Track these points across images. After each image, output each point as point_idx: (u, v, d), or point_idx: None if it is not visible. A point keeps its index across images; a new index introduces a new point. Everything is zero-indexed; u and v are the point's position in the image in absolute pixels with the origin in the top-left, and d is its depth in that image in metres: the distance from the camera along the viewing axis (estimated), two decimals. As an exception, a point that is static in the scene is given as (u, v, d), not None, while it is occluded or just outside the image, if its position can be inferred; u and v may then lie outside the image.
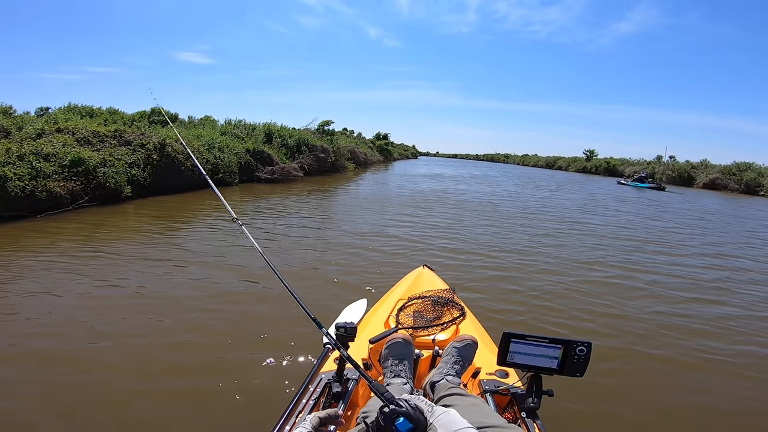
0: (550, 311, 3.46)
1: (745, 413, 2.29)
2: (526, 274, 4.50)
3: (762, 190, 23.58)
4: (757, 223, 10.70)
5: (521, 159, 74.18)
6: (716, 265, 5.55)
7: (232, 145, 11.52)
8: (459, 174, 25.65)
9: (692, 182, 28.78)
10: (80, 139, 7.93)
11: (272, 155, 12.51)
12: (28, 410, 1.91)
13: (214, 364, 2.37)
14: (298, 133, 16.52)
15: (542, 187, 19.00)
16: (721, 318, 3.60)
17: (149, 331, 2.71)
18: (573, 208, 10.99)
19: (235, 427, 1.89)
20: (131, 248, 4.57)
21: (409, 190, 12.76)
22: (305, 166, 14.88)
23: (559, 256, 5.38)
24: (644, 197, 16.91)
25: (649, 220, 9.58)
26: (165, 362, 2.38)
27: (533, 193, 15.31)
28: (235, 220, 1.67)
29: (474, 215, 8.41)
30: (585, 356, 1.18)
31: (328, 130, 19.89)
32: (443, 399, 1.18)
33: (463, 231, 6.64)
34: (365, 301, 2.17)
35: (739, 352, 2.95)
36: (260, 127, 15.69)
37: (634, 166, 37.58)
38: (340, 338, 1.26)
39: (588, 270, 4.82)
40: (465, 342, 1.43)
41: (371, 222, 6.92)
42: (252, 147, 12.23)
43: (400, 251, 5.07)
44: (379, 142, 39.33)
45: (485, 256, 5.11)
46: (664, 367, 2.70)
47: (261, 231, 5.83)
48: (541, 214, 9.31)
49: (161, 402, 2.03)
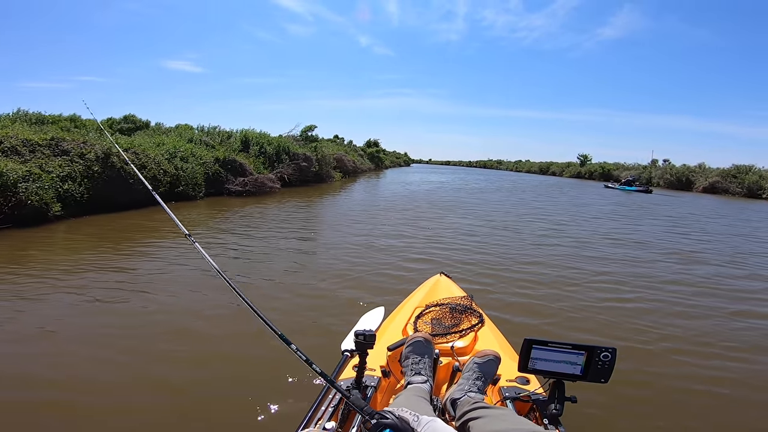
0: (573, 320, 3.42)
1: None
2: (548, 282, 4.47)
3: (765, 193, 22.73)
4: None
5: (514, 165, 73.73)
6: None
7: (199, 154, 10.34)
8: (450, 181, 24.64)
9: (691, 186, 27.91)
10: (7, 149, 6.73)
11: (245, 165, 11.32)
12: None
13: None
14: (278, 140, 15.38)
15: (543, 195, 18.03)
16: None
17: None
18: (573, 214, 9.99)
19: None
20: (44, 281, 3.55)
21: (400, 198, 11.69)
22: (285, 176, 13.73)
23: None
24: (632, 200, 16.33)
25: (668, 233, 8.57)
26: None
27: (537, 201, 14.30)
28: (187, 236, 1.40)
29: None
30: (610, 362, 1.14)
31: (312, 136, 18.76)
32: (468, 414, 1.11)
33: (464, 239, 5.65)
34: (382, 309, 2.18)
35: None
36: (236, 134, 14.56)
37: (629, 170, 36.92)
38: (359, 345, 1.24)
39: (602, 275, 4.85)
40: (487, 357, 1.36)
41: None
42: (223, 156, 11.05)
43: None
44: (370, 149, 38.27)
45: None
46: (695, 380, 2.60)
47: (224, 248, 5.21)
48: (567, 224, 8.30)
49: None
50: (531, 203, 13.68)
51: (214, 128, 14.45)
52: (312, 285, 3.95)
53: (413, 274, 4.36)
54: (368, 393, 1.34)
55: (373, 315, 2.12)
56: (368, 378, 1.39)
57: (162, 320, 3.03)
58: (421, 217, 9.00)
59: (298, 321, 3.11)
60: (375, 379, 1.39)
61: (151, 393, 2.14)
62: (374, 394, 1.36)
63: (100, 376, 2.28)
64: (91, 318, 3.01)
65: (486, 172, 58.70)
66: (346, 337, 1.75)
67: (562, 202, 14.54)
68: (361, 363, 1.30)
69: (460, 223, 8.55)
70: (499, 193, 17.33)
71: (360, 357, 1.28)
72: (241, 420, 1.96)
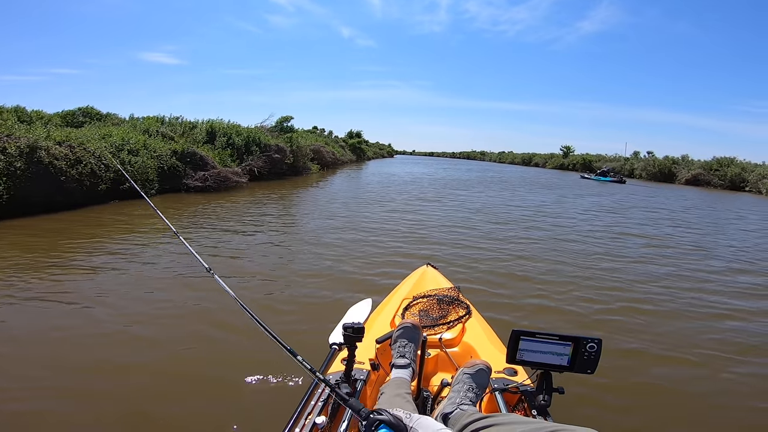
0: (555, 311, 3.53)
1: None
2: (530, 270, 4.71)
3: (747, 186, 22.78)
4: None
5: (498, 156, 73.72)
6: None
7: (152, 146, 9.32)
8: (431, 173, 24.02)
9: (673, 178, 27.92)
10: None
11: (207, 157, 10.32)
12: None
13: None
14: (248, 131, 14.36)
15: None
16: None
17: None
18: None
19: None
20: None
21: (379, 188, 10.99)
22: (255, 169, 12.78)
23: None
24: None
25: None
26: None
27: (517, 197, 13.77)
28: (176, 234, 1.43)
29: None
30: (596, 353, 1.15)
31: (288, 127, 17.75)
32: (470, 426, 1.02)
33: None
34: (370, 300, 2.15)
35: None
36: (201, 124, 13.48)
37: (611, 161, 37.03)
38: (347, 339, 1.24)
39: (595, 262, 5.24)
40: (477, 367, 1.30)
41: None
42: (181, 148, 10.04)
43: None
44: (352, 140, 37.25)
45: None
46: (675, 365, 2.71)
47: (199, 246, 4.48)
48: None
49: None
50: (515, 194, 13.17)
51: (176, 119, 13.33)
52: (293, 279, 3.95)
53: (399, 266, 4.39)
54: (358, 386, 1.33)
55: (361, 307, 2.10)
56: (357, 371, 1.38)
57: (133, 322, 2.92)
58: (400, 209, 8.84)
59: (282, 315, 3.11)
60: (364, 373, 1.40)
61: (128, 389, 2.15)
62: (364, 387, 1.36)
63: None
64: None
65: (470, 163, 58.80)
66: (334, 330, 1.73)
67: (533, 194, 14.11)
68: (350, 356, 1.28)
69: (442, 214, 8.62)
70: (481, 185, 16.82)
71: (349, 350, 1.27)
72: (227, 418, 1.94)
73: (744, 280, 4.80)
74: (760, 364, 2.80)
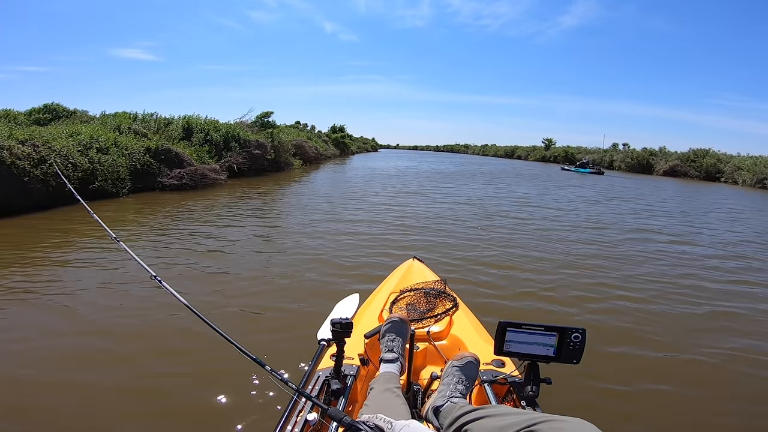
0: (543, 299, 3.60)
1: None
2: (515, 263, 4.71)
3: (723, 177, 23.37)
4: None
5: (481, 149, 74.22)
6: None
7: (124, 144, 8.92)
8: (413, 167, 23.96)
9: (651, 170, 28.51)
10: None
11: (182, 154, 9.95)
12: None
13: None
14: (227, 126, 13.95)
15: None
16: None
17: None
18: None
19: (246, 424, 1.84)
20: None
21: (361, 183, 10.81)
22: (235, 165, 12.43)
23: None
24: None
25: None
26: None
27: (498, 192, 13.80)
28: (116, 240, 1.39)
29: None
30: (580, 343, 1.16)
31: (268, 122, 17.35)
32: (461, 419, 1.01)
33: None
34: (357, 295, 2.12)
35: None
36: (177, 120, 13.02)
37: (591, 154, 37.66)
38: (335, 334, 1.23)
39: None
40: (466, 360, 1.29)
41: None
42: (155, 145, 9.64)
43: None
44: (335, 135, 36.83)
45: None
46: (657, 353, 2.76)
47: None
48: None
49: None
50: (499, 186, 13.19)
51: (149, 115, 12.83)
52: (278, 276, 3.90)
53: (385, 260, 4.42)
54: (348, 382, 1.32)
55: (348, 302, 2.08)
56: (347, 367, 1.37)
57: (86, 341, 2.65)
58: (386, 202, 8.84)
59: (271, 314, 3.08)
60: (354, 368, 1.39)
61: (79, 409, 1.98)
62: (354, 382, 1.35)
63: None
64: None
65: (453, 156, 59.10)
66: (322, 326, 1.70)
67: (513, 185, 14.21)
68: (339, 352, 1.27)
69: (428, 207, 8.65)
70: (465, 178, 16.84)
71: (338, 346, 1.26)
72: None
73: (729, 265, 4.90)
74: (739, 347, 2.88)
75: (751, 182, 20.50)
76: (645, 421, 2.09)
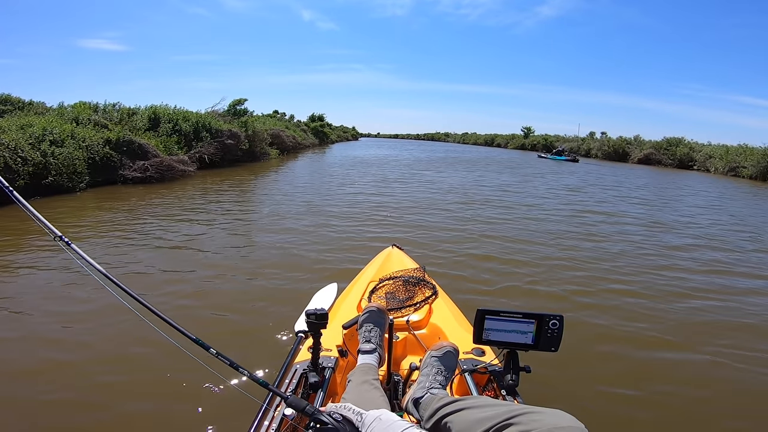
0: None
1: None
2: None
3: (695, 165, 23.90)
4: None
5: (461, 137, 74.39)
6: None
7: (81, 136, 8.33)
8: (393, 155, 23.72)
9: (627, 158, 29.00)
10: None
11: (147, 145, 9.38)
12: None
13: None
14: (197, 116, 13.33)
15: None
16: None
17: None
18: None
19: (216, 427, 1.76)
20: None
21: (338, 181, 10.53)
22: (205, 156, 11.89)
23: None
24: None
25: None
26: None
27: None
28: (59, 239, 1.11)
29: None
30: (558, 330, 1.13)
31: (242, 110, 16.71)
32: (441, 411, 0.99)
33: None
34: (335, 285, 2.11)
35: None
36: (143, 111, 12.32)
37: (569, 142, 38.15)
38: (311, 326, 1.19)
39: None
40: (444, 350, 1.25)
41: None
42: (116, 136, 9.06)
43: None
44: (314, 124, 36.09)
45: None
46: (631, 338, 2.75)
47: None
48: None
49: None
50: (478, 173, 13.12)
51: (111, 105, 12.08)
52: (247, 272, 3.74)
53: (364, 249, 4.31)
54: (326, 374, 1.28)
55: (326, 292, 2.05)
56: (325, 359, 1.34)
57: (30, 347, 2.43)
58: (364, 191, 8.83)
59: (247, 307, 2.98)
60: (332, 360, 1.36)
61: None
62: (333, 374, 1.31)
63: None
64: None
65: (434, 144, 59.12)
66: (299, 317, 1.67)
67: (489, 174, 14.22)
68: (316, 344, 1.22)
69: (407, 195, 8.70)
70: (445, 165, 16.68)
71: (314, 338, 1.21)
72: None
73: (703, 256, 4.88)
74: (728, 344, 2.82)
75: (723, 170, 21.05)
76: (628, 412, 2.06)
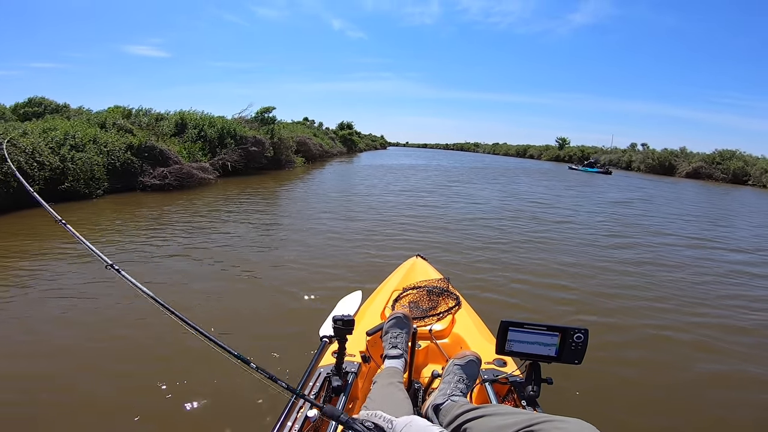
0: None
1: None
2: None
3: (750, 180, 21.96)
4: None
5: (492, 148, 72.77)
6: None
7: (103, 140, 8.22)
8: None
9: (673, 171, 26.99)
10: None
11: (168, 152, 9.20)
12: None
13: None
14: (223, 122, 13.23)
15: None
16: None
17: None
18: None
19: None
20: None
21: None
22: (228, 163, 11.70)
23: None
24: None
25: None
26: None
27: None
28: (110, 267, 1.08)
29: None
30: (582, 343, 1.15)
31: (269, 118, 16.60)
32: (461, 417, 1.03)
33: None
34: (360, 293, 2.13)
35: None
36: (170, 116, 12.34)
37: (608, 153, 36.23)
38: (337, 331, 1.21)
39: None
40: (467, 359, 1.27)
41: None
42: (139, 142, 8.93)
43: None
44: (343, 132, 36.08)
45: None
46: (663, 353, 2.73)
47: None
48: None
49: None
50: (508, 185, 12.32)
51: (145, 111, 12.16)
52: (281, 273, 3.87)
53: (389, 257, 4.35)
54: (349, 379, 1.30)
55: (351, 299, 2.05)
56: (348, 364, 1.36)
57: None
58: (391, 202, 8.44)
59: (273, 310, 3.07)
60: (355, 365, 1.37)
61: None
62: (355, 380, 1.33)
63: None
64: None
65: (464, 154, 58.34)
66: (324, 323, 1.70)
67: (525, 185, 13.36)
68: (341, 349, 1.25)
69: (434, 205, 8.63)
70: (474, 175, 15.91)
71: (339, 343, 1.24)
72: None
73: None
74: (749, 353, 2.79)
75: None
76: (649, 423, 2.01)
